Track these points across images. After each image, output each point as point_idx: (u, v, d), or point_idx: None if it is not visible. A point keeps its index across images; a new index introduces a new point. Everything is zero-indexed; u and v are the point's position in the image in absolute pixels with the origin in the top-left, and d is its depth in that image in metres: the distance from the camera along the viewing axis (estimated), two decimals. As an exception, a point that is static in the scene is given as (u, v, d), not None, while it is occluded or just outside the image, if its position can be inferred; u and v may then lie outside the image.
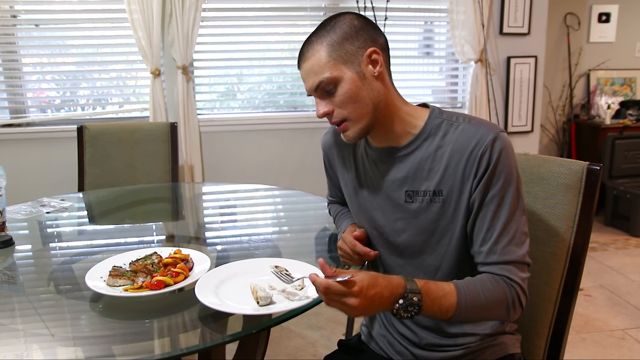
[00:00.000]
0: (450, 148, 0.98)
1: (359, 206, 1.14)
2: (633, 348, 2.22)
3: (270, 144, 3.09)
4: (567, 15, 4.05)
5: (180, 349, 0.93)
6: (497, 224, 0.95)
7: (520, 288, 0.95)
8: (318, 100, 1.01)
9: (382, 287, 0.86)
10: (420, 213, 1.02)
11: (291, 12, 3.07)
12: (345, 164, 1.17)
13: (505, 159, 0.95)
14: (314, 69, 0.98)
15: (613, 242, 3.48)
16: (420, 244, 1.04)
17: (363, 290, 0.84)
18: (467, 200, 0.98)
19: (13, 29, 2.80)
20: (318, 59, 0.97)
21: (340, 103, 0.98)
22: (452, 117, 1.02)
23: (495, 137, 0.95)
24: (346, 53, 0.97)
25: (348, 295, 0.84)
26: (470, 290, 0.93)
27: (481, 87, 3.19)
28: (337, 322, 2.45)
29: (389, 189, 1.06)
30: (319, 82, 0.98)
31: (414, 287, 0.88)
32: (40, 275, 1.31)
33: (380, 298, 0.86)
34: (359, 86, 0.98)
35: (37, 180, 2.82)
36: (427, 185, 1.01)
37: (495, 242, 0.96)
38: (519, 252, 0.96)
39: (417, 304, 0.87)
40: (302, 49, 1.01)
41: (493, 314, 0.98)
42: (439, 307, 0.91)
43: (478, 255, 0.99)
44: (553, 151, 4.21)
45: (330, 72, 0.96)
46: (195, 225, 1.81)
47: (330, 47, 0.97)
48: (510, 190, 0.96)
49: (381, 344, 1.18)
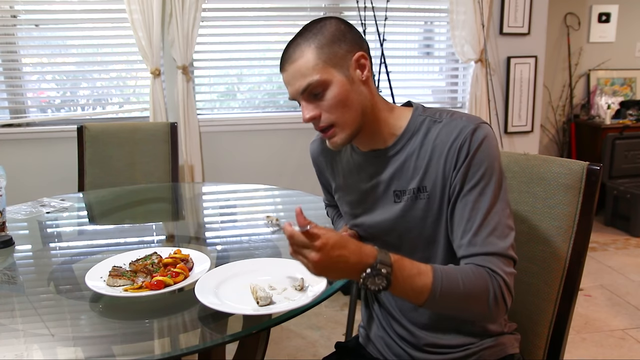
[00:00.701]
0: (432, 144, 0.97)
1: (349, 211, 1.14)
2: (633, 348, 2.22)
3: (270, 144, 3.09)
4: (567, 15, 4.05)
5: (180, 349, 0.93)
6: (478, 214, 0.92)
7: (503, 282, 0.90)
8: (304, 104, 0.97)
9: (350, 251, 0.83)
10: (407, 211, 1.01)
11: (291, 12, 3.07)
12: (334, 170, 1.17)
13: (486, 149, 0.93)
14: (302, 71, 0.95)
15: (613, 242, 3.48)
16: (411, 242, 1.04)
17: (326, 247, 0.80)
18: (449, 193, 0.96)
19: (13, 29, 2.80)
20: (306, 61, 0.94)
21: (328, 107, 0.96)
22: (435, 114, 1.01)
23: (475, 128, 0.94)
24: (335, 56, 0.95)
25: (309, 248, 0.81)
26: (448, 275, 0.89)
27: (481, 87, 3.19)
28: (337, 323, 2.45)
29: (377, 191, 1.06)
30: (307, 85, 0.94)
31: (386, 259, 0.84)
32: (40, 275, 1.31)
33: (345, 262, 0.82)
34: (348, 90, 0.96)
35: (37, 180, 2.82)
36: (412, 183, 1.00)
37: (476, 233, 0.92)
38: (502, 244, 0.91)
39: (386, 277, 0.83)
40: (287, 51, 0.97)
41: (472, 307, 0.92)
42: (411, 286, 0.87)
43: (459, 249, 0.95)
44: (553, 151, 4.21)
45: (320, 74, 0.94)
46: (195, 225, 1.81)
47: (319, 49, 0.94)
48: (492, 181, 0.93)
49: (379, 346, 1.18)
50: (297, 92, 0.97)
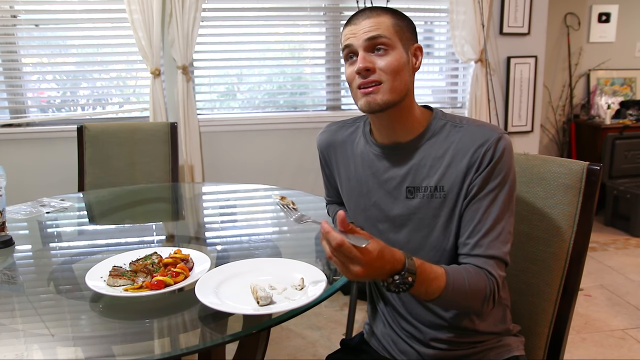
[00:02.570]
0: (454, 146, 1.01)
1: (357, 203, 1.14)
2: (633, 348, 2.22)
3: (270, 144, 3.09)
4: (567, 15, 4.05)
5: (180, 349, 0.93)
6: (488, 219, 0.98)
7: (496, 284, 0.97)
8: (363, 54, 0.99)
9: (386, 261, 0.85)
10: (421, 209, 1.03)
11: (291, 12, 3.07)
12: (344, 161, 1.17)
13: (507, 159, 0.98)
14: (377, 25, 0.99)
15: (613, 242, 3.48)
16: (420, 240, 1.05)
17: (371, 260, 0.83)
18: (465, 193, 1.00)
19: (13, 29, 2.80)
20: (383, 21, 0.99)
21: (384, 67, 0.99)
22: (455, 120, 1.05)
23: (499, 137, 0.98)
24: (404, 34, 1.01)
25: (356, 261, 0.82)
26: (457, 277, 0.94)
27: (481, 87, 3.19)
28: (337, 322, 2.45)
29: (390, 185, 1.07)
30: (378, 35, 0.98)
31: (412, 267, 0.88)
32: (40, 275, 1.31)
33: (381, 270, 0.86)
34: (405, 64, 1.01)
35: (37, 180, 2.82)
36: (427, 181, 1.03)
37: (483, 236, 0.98)
38: (503, 249, 0.98)
39: (410, 284, 0.88)
40: (362, 11, 1.02)
41: (470, 303, 0.98)
42: (426, 289, 0.92)
43: (463, 247, 1.00)
44: (553, 151, 4.21)
45: (390, 36, 0.99)
46: (195, 225, 1.81)
47: (395, 20, 1.01)
48: (505, 189, 0.98)
49: (384, 343, 1.18)
50: (362, 40, 0.99)
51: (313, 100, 3.27)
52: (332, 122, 1.23)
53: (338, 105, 3.22)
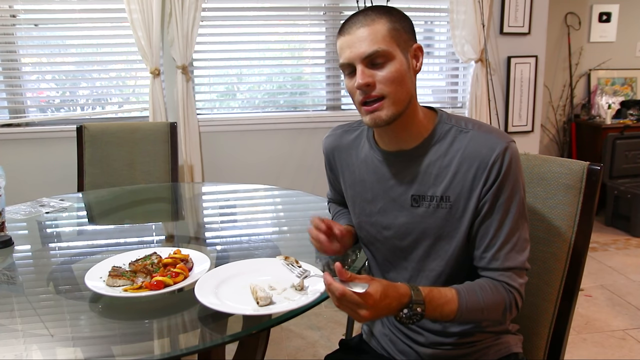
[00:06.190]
0: (460, 154, 0.99)
1: (362, 209, 1.13)
2: (634, 348, 2.21)
3: (270, 144, 3.09)
4: (568, 14, 4.05)
5: (180, 349, 0.93)
6: (502, 232, 0.98)
7: (517, 293, 0.99)
8: (362, 69, 0.96)
9: (392, 298, 0.88)
10: (426, 218, 1.02)
11: (291, 12, 3.06)
12: (348, 166, 1.16)
13: (515, 169, 0.97)
14: (371, 37, 0.95)
15: (613, 242, 3.47)
16: (425, 248, 1.04)
17: (375, 302, 0.86)
18: (474, 207, 0.98)
19: (12, 28, 2.80)
20: (378, 30, 0.96)
21: (385, 80, 0.96)
22: (461, 123, 1.02)
23: (506, 147, 0.97)
24: (401, 37, 0.98)
25: (361, 306, 0.85)
26: (470, 296, 0.96)
27: (481, 87, 3.19)
28: (337, 322, 2.45)
29: (395, 192, 1.06)
30: (374, 51, 0.95)
31: (419, 297, 0.90)
32: (40, 275, 1.31)
33: (388, 307, 0.89)
34: (405, 71, 0.98)
35: (37, 180, 2.82)
36: (433, 190, 1.01)
37: (499, 249, 0.98)
38: (520, 258, 0.98)
39: (421, 314, 0.90)
40: (356, 16, 0.99)
41: (490, 317, 1.00)
42: (440, 313, 0.94)
43: (480, 260, 1.00)
44: (553, 151, 4.21)
45: (388, 46, 0.95)
46: (195, 225, 1.81)
47: (391, 24, 0.97)
48: (516, 199, 0.98)
49: (383, 343, 1.18)
50: (358, 56, 0.96)
51: (313, 100, 3.27)
52: (338, 125, 1.21)
53: (338, 105, 3.22)
